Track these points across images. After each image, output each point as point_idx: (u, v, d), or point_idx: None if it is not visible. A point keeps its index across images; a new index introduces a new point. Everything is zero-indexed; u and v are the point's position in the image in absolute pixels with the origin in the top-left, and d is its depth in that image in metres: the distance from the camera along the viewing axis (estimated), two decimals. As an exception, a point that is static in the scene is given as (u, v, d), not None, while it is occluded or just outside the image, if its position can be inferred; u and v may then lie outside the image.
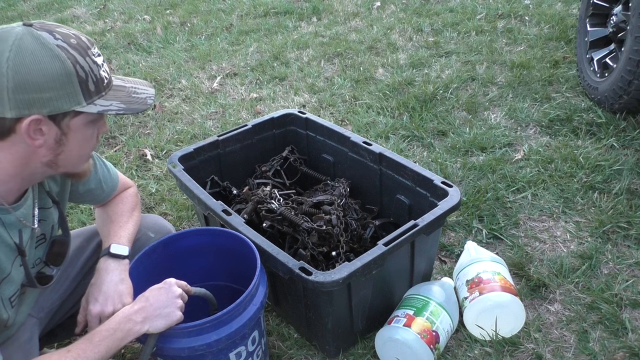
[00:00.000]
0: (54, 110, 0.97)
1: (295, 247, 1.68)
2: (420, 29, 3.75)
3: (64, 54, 0.96)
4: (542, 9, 3.78)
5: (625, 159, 2.23)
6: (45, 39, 0.95)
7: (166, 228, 1.52)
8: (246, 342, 1.29)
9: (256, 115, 2.90)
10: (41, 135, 0.98)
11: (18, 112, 0.94)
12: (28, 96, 0.93)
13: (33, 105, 0.94)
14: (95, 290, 1.24)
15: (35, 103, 0.94)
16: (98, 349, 1.08)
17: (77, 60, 0.97)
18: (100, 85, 1.02)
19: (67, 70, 0.96)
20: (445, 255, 1.89)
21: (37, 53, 0.94)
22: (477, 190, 2.15)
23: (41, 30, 0.97)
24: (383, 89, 3.00)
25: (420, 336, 1.44)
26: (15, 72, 0.92)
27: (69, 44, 0.97)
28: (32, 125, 0.95)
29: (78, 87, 0.98)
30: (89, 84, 1.00)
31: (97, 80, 1.01)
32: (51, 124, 0.98)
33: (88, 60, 0.99)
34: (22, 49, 0.93)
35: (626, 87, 2.34)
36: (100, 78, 1.02)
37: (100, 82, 1.02)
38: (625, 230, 1.90)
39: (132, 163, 2.57)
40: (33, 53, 0.94)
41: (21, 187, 1.08)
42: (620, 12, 2.50)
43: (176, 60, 3.66)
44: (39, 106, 0.95)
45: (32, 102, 0.94)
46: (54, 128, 0.99)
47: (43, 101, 0.95)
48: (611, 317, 1.59)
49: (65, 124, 1.00)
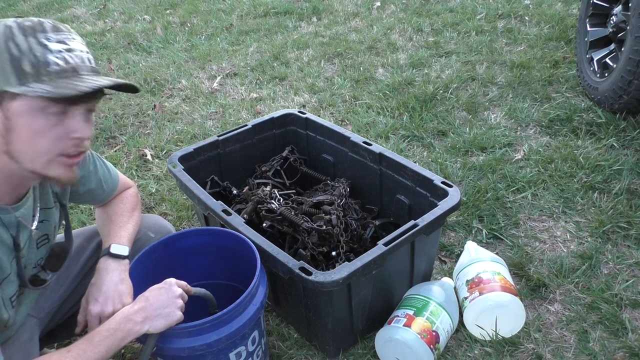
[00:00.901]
0: None
1: (295, 247, 1.68)
2: (420, 29, 3.75)
3: (3, 29, 0.93)
4: (542, 9, 3.79)
5: (625, 159, 2.23)
6: (3, 21, 0.94)
7: (166, 228, 1.52)
8: (246, 342, 1.29)
9: (256, 115, 2.90)
10: None
11: None
12: None
13: None
14: (95, 290, 1.24)
15: None
16: (98, 349, 1.08)
17: (13, 38, 0.92)
18: (42, 69, 0.93)
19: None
20: (445, 255, 1.89)
21: None
22: (477, 190, 2.15)
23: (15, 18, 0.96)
24: (383, 89, 3.00)
25: (420, 336, 1.44)
26: None
27: (19, 24, 0.94)
28: None
29: (9, 65, 0.92)
30: (24, 64, 0.92)
31: (37, 62, 0.93)
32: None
33: (31, 40, 0.93)
34: None
35: (626, 87, 2.34)
36: (43, 61, 0.94)
37: (42, 66, 0.93)
38: (625, 230, 1.90)
39: (132, 163, 2.57)
40: None
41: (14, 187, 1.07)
42: (620, 12, 2.50)
43: (176, 60, 3.66)
44: None
45: None
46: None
47: None
48: (611, 317, 1.59)
49: (6, 107, 0.94)
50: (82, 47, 1.00)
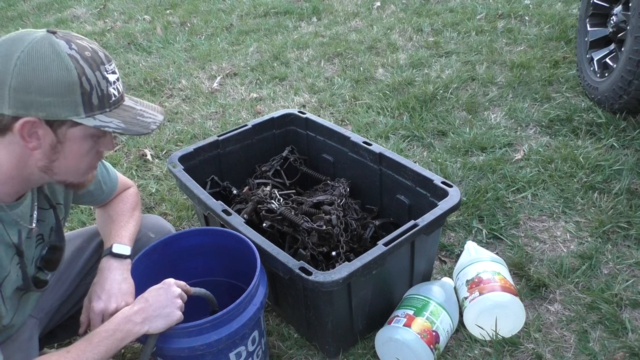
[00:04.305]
0: (51, 116, 0.97)
1: (295, 247, 1.68)
2: (420, 29, 3.75)
3: (73, 63, 0.96)
4: (542, 9, 3.78)
5: (625, 159, 2.23)
6: (60, 47, 0.96)
7: (166, 228, 1.52)
8: (246, 342, 1.29)
9: (256, 115, 2.90)
10: (37, 139, 0.99)
11: (15, 110, 0.95)
12: (28, 97, 0.94)
13: (31, 107, 0.95)
14: (98, 288, 1.24)
15: (33, 105, 0.95)
16: (97, 350, 1.08)
17: (84, 72, 0.97)
18: (105, 101, 1.02)
19: (71, 79, 0.96)
20: (445, 255, 1.89)
21: (47, 58, 0.95)
22: (477, 190, 2.15)
23: (61, 38, 0.98)
24: (383, 89, 3.00)
25: (420, 336, 1.44)
26: (21, 71, 0.93)
27: (82, 55, 0.98)
28: (26, 126, 0.96)
29: (79, 98, 0.98)
30: (92, 98, 0.99)
31: (103, 95, 1.01)
32: (48, 130, 0.98)
33: (97, 74, 1.00)
34: (33, 51, 0.95)
35: (626, 87, 2.34)
36: (106, 94, 1.02)
37: (106, 98, 1.02)
38: (625, 230, 1.90)
39: (132, 163, 2.57)
40: (42, 57, 0.95)
41: (19, 190, 1.09)
42: (620, 12, 2.50)
43: (176, 60, 3.66)
44: (37, 109, 0.95)
45: (31, 103, 0.95)
46: (50, 134, 0.99)
47: (41, 105, 0.95)
48: (611, 317, 1.59)
49: (62, 132, 1.00)
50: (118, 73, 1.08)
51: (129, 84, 3.37)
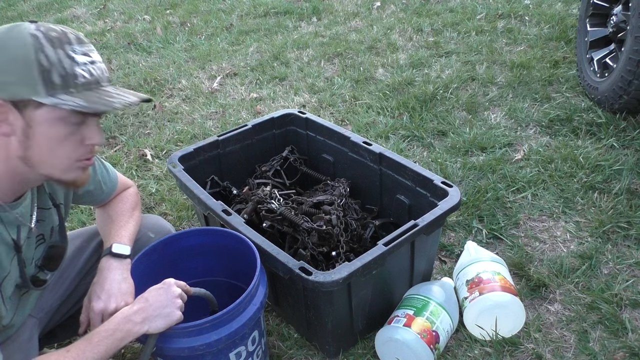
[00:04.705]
0: (12, 96, 0.95)
1: (295, 247, 1.68)
2: (420, 29, 3.75)
3: (32, 40, 0.95)
4: (542, 9, 3.78)
5: (625, 159, 2.23)
6: (25, 28, 0.96)
7: (166, 228, 1.52)
8: (246, 342, 1.29)
9: (256, 115, 2.90)
10: (8, 124, 0.97)
11: None
12: None
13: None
14: (98, 288, 1.24)
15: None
16: (97, 350, 1.08)
17: (42, 49, 0.95)
18: (70, 81, 0.97)
19: (27, 55, 0.94)
20: (445, 255, 1.89)
21: (7, 38, 0.95)
22: (477, 190, 2.15)
23: (35, 25, 0.98)
24: (383, 89, 3.00)
25: (420, 336, 1.44)
26: None
27: (45, 34, 0.97)
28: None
29: (38, 75, 0.95)
30: (53, 76, 0.96)
31: (67, 74, 0.97)
32: (17, 114, 0.97)
33: (60, 52, 0.96)
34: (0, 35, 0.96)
35: (626, 87, 2.34)
36: (71, 73, 0.98)
37: (71, 78, 0.98)
38: (625, 230, 1.90)
39: (132, 163, 2.57)
40: (3, 38, 0.96)
41: (17, 188, 1.08)
42: (620, 12, 2.50)
43: (176, 60, 3.66)
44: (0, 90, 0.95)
45: None
46: (19, 118, 0.97)
47: (2, 84, 0.95)
48: (611, 317, 1.59)
49: (28, 114, 0.97)
50: (99, 58, 1.05)
51: (129, 84, 3.37)
